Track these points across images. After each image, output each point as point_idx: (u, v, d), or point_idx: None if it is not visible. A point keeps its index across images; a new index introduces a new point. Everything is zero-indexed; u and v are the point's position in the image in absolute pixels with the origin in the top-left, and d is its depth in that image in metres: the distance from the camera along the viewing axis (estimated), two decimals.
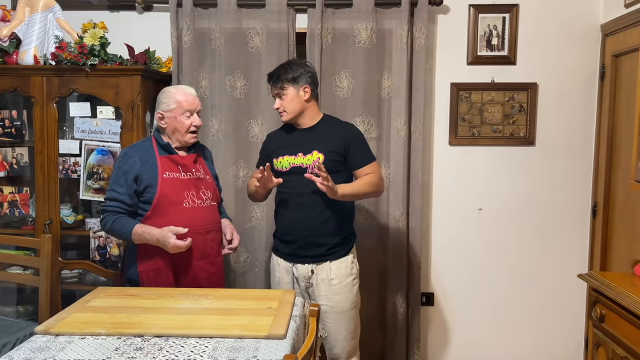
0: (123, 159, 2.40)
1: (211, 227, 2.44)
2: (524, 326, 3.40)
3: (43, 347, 1.73)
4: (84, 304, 2.09)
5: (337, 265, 2.51)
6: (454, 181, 3.34)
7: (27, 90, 2.89)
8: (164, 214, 2.33)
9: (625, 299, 2.05)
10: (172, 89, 2.48)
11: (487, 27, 3.24)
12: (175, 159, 2.43)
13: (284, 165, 2.51)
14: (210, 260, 2.42)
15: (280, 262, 2.58)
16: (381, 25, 3.14)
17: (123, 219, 2.34)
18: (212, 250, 2.44)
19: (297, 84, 2.48)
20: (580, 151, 3.29)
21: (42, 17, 2.94)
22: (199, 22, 3.16)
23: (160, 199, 2.34)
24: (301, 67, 2.51)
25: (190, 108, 2.42)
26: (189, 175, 2.43)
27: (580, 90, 3.26)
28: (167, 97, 2.43)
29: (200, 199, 2.42)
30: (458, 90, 3.27)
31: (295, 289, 2.53)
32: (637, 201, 2.83)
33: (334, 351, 2.58)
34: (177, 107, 2.40)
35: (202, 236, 2.39)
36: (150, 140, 2.48)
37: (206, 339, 1.79)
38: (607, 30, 3.13)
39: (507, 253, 3.36)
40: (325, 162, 2.43)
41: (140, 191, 2.36)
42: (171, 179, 2.38)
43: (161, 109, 2.43)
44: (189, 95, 2.44)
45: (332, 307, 2.51)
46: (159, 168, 2.37)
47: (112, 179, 2.41)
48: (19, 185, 3.05)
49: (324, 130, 2.52)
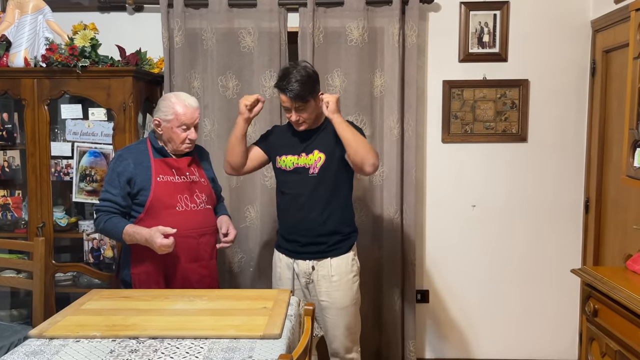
0: (117, 160, 2.39)
1: (205, 231, 2.43)
2: (519, 322, 3.41)
3: (37, 351, 1.72)
4: (78, 306, 2.08)
5: (338, 262, 2.51)
6: (448, 178, 3.35)
7: (18, 93, 2.88)
8: (157, 216, 2.32)
9: (618, 293, 2.07)
10: (172, 98, 2.40)
11: (479, 24, 3.25)
12: (169, 162, 2.41)
13: (287, 165, 2.51)
14: (202, 263, 2.41)
15: (282, 258, 2.59)
16: (373, 23, 3.14)
17: (115, 219, 2.33)
18: (205, 253, 2.43)
19: (316, 94, 2.45)
20: (572, 146, 3.31)
21: (32, 19, 2.92)
22: (190, 22, 3.15)
23: (153, 202, 2.33)
24: (313, 74, 2.45)
25: (187, 122, 2.36)
26: (182, 178, 2.41)
27: (572, 86, 3.27)
28: (166, 106, 2.38)
29: (194, 203, 2.41)
30: (450, 88, 3.28)
31: (296, 285, 2.55)
32: (629, 196, 2.85)
33: (332, 346, 2.60)
34: (174, 119, 2.35)
35: (195, 240, 2.38)
36: (146, 142, 2.46)
37: (201, 339, 1.78)
38: (597, 26, 3.15)
39: (500, 249, 3.38)
40: (327, 162, 2.45)
41: (133, 193, 2.35)
42: (165, 182, 2.36)
43: (158, 116, 2.39)
44: (189, 108, 2.37)
45: (332, 303, 2.52)
46: (152, 171, 2.36)
47: (106, 180, 2.40)
48: (11, 189, 3.04)
49: (326, 129, 2.51)
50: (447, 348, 3.46)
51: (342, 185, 2.53)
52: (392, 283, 3.23)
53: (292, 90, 2.36)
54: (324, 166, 2.46)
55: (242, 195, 3.24)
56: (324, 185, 2.47)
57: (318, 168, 2.47)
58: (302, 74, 2.38)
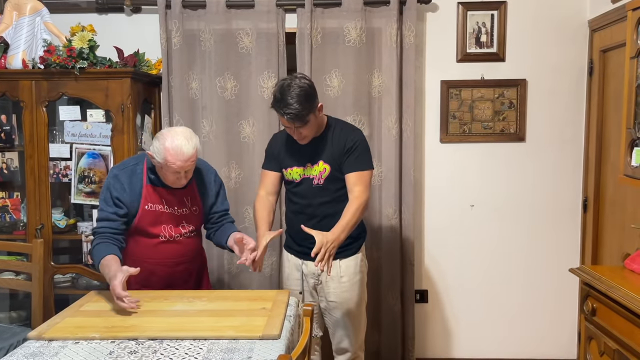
0: (112, 180, 2.30)
1: (182, 260, 2.38)
2: (518, 321, 3.42)
3: (36, 353, 1.72)
4: (77, 308, 2.08)
5: (347, 264, 2.51)
6: (446, 178, 3.36)
7: (16, 95, 2.88)
8: (137, 242, 2.32)
9: (616, 292, 2.07)
10: (167, 142, 2.18)
11: (476, 24, 3.25)
12: (160, 192, 2.31)
13: (294, 177, 2.50)
14: (175, 289, 2.34)
15: (291, 258, 2.59)
16: (370, 24, 3.14)
17: (102, 246, 2.22)
18: (179, 280, 2.39)
19: (315, 108, 2.37)
20: (570, 146, 3.32)
21: (29, 21, 2.92)
22: (188, 23, 3.15)
23: (137, 229, 2.31)
24: (308, 88, 2.34)
25: (177, 170, 2.21)
26: (171, 209, 2.33)
27: (569, 85, 3.28)
28: (158, 149, 2.19)
29: (178, 233, 2.35)
30: (448, 88, 3.29)
31: (304, 286, 2.55)
32: (626, 195, 2.85)
33: (340, 345, 2.60)
34: (164, 164, 2.19)
35: (171, 268, 2.36)
36: (142, 163, 2.34)
37: (200, 340, 1.79)
38: (594, 26, 3.16)
39: (499, 249, 3.38)
40: (332, 173, 2.43)
41: (122, 214, 2.30)
42: (152, 211, 2.30)
43: (152, 151, 2.23)
44: (179, 158, 2.17)
45: (341, 304, 2.52)
46: (142, 197, 2.29)
47: (101, 198, 2.32)
48: (10, 190, 3.04)
49: (328, 137, 2.48)
50: (447, 348, 3.46)
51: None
52: (391, 283, 3.23)
53: (290, 113, 2.28)
54: (329, 178, 2.45)
55: (241, 196, 3.24)
56: (330, 195, 2.46)
57: (323, 179, 2.45)
58: (297, 92, 2.28)
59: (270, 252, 3.18)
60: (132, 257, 2.30)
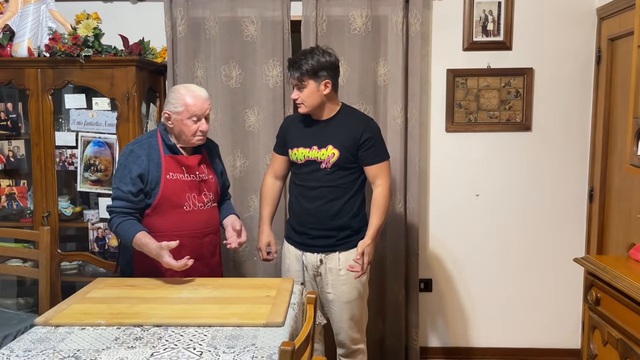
0: (130, 156, 2.31)
1: (209, 231, 2.42)
2: (522, 310, 3.42)
3: (43, 338, 1.74)
4: (84, 295, 2.10)
5: (346, 257, 2.51)
6: (451, 167, 3.35)
7: (22, 83, 2.89)
8: (163, 215, 2.32)
9: (620, 282, 2.07)
10: (181, 89, 2.33)
11: (483, 13, 3.23)
12: (179, 160, 2.35)
13: (299, 158, 2.50)
14: (204, 262, 2.39)
15: (291, 250, 2.60)
16: (376, 12, 3.12)
17: (127, 224, 2.26)
18: (207, 252, 2.42)
19: (318, 78, 2.38)
20: (577, 135, 3.30)
21: (35, 9, 2.92)
22: (193, 11, 3.14)
23: (161, 200, 2.31)
24: (323, 58, 2.39)
25: (198, 113, 2.29)
26: (192, 177, 2.37)
27: (576, 74, 3.25)
28: (176, 98, 2.30)
29: (201, 202, 2.38)
30: (454, 77, 3.27)
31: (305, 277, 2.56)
32: (633, 185, 2.84)
33: (338, 337, 2.62)
34: (184, 111, 2.28)
35: (199, 239, 2.37)
36: (156, 135, 2.38)
37: (205, 327, 1.80)
38: (602, 14, 3.12)
39: (504, 238, 3.38)
40: (341, 159, 2.44)
41: (146, 190, 2.31)
42: (174, 180, 2.33)
43: (168, 109, 2.32)
44: (199, 99, 2.30)
45: (338, 296, 2.52)
46: (163, 168, 2.31)
47: (117, 176, 2.32)
48: (17, 178, 3.06)
49: (340, 123, 2.48)
50: (451, 336, 3.47)
51: (355, 180, 2.52)
52: (395, 272, 3.24)
53: (291, 59, 2.43)
54: (337, 163, 2.45)
55: (246, 184, 3.25)
56: (336, 180, 2.47)
57: (331, 164, 2.45)
58: (311, 51, 2.43)
59: (276, 240, 3.18)
60: (160, 232, 2.29)
